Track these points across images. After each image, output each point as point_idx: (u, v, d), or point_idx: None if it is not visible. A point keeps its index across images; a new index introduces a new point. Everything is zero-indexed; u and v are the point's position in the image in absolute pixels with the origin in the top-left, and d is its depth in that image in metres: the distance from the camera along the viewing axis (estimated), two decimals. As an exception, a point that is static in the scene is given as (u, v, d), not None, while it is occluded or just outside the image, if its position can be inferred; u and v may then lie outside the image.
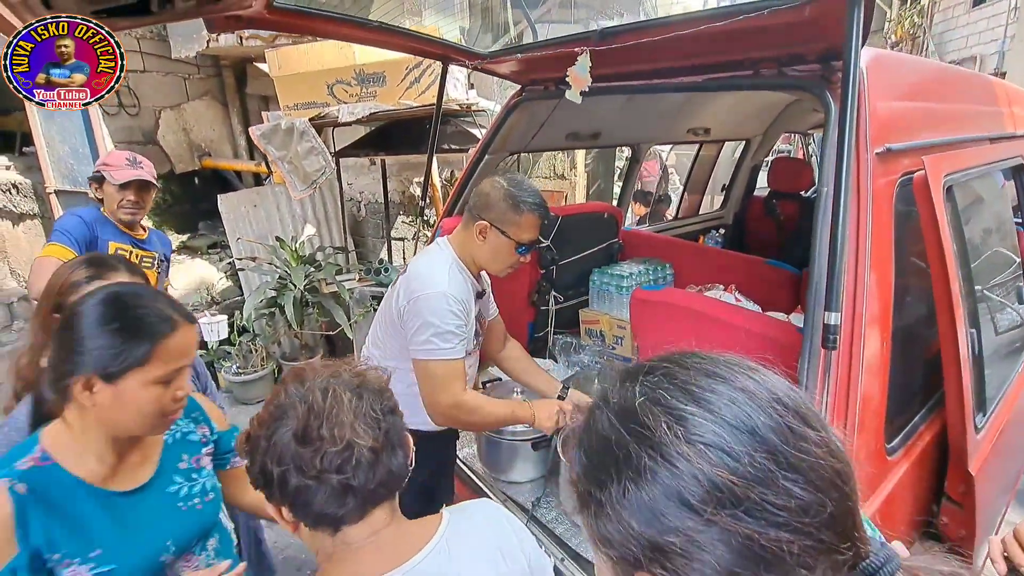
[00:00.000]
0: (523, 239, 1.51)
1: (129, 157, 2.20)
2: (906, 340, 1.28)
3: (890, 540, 0.70)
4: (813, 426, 0.43)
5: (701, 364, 0.47)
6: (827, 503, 0.40)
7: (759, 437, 0.41)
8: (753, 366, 0.47)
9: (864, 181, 1.08)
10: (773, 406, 0.43)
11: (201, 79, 5.16)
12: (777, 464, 0.40)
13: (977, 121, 1.56)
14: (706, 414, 0.42)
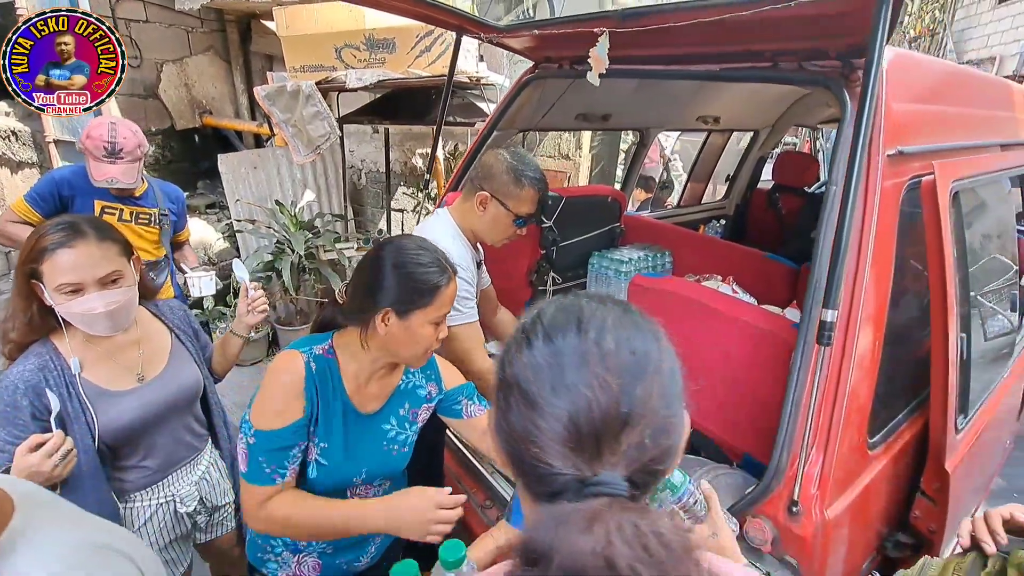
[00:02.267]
0: (522, 212, 1.56)
1: (108, 143, 2.06)
2: (898, 340, 1.31)
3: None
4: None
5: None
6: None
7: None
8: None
9: (873, 182, 1.09)
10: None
11: (204, 33, 5.03)
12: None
13: (991, 127, 1.56)
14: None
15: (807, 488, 1.05)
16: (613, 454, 0.47)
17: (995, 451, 1.70)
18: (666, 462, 0.50)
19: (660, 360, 0.52)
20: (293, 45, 3.44)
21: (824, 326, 0.98)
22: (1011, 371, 1.63)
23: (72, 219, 1.24)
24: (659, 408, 0.49)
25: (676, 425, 0.51)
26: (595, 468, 0.47)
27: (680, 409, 0.53)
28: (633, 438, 0.47)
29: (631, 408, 0.48)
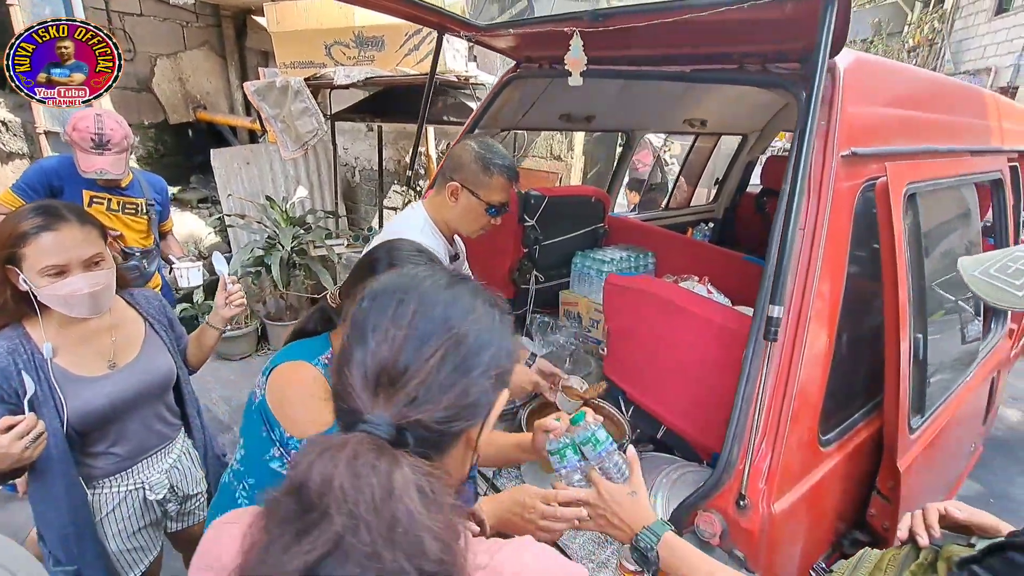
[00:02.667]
0: (493, 200, 1.58)
1: (95, 134, 2.08)
2: (855, 340, 1.33)
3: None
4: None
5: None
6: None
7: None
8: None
9: (826, 182, 1.11)
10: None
11: (200, 28, 5.05)
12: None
13: (957, 133, 1.59)
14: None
15: (755, 482, 1.06)
16: (387, 400, 0.54)
17: (957, 454, 1.72)
18: (452, 424, 0.55)
19: (464, 332, 0.57)
20: (283, 41, 3.46)
21: (770, 322, 1.00)
22: (974, 375, 1.65)
23: (49, 204, 1.27)
24: (444, 372, 0.55)
25: (468, 394, 0.56)
26: (368, 408, 0.54)
27: (483, 383, 0.57)
28: (408, 391, 0.54)
29: (408, 364, 0.54)
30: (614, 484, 0.91)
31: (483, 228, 1.65)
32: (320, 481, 0.47)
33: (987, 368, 1.75)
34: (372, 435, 0.51)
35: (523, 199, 2.55)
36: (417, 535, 0.46)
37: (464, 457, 0.62)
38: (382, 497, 0.47)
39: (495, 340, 0.60)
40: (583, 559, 1.60)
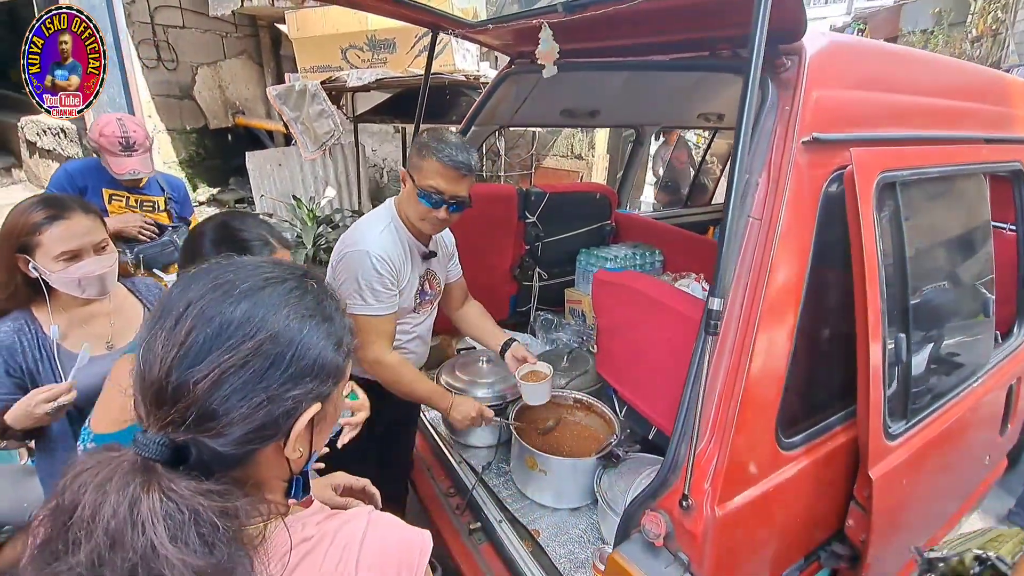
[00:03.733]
0: (425, 184, 1.46)
1: (122, 138, 2.21)
2: (827, 340, 1.25)
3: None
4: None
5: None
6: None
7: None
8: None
9: (785, 169, 1.05)
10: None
11: (238, 38, 5.32)
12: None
13: (959, 120, 1.47)
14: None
15: (699, 483, 1.02)
16: (156, 420, 0.50)
17: (965, 465, 1.59)
18: (240, 446, 0.51)
19: (254, 351, 0.51)
20: (303, 47, 3.60)
21: (710, 315, 0.96)
22: (984, 381, 1.51)
23: (53, 196, 1.37)
24: (220, 395, 0.49)
25: (254, 417, 0.51)
26: (147, 425, 0.50)
27: (277, 405, 0.52)
28: (179, 412, 0.49)
29: (180, 384, 0.49)
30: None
31: (425, 219, 1.52)
32: (70, 505, 0.45)
33: (1004, 374, 1.61)
34: (137, 455, 0.48)
35: (523, 196, 2.54)
36: (157, 571, 0.43)
37: (278, 463, 0.56)
38: (121, 527, 0.43)
39: (299, 357, 0.53)
40: (563, 557, 1.59)
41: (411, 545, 0.58)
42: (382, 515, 0.59)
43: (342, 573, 0.53)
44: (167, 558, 0.43)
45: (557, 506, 1.74)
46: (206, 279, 0.54)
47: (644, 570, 1.03)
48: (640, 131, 3.08)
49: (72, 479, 0.45)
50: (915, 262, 1.24)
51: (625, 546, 1.09)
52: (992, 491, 2.11)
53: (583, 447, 1.88)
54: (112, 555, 0.42)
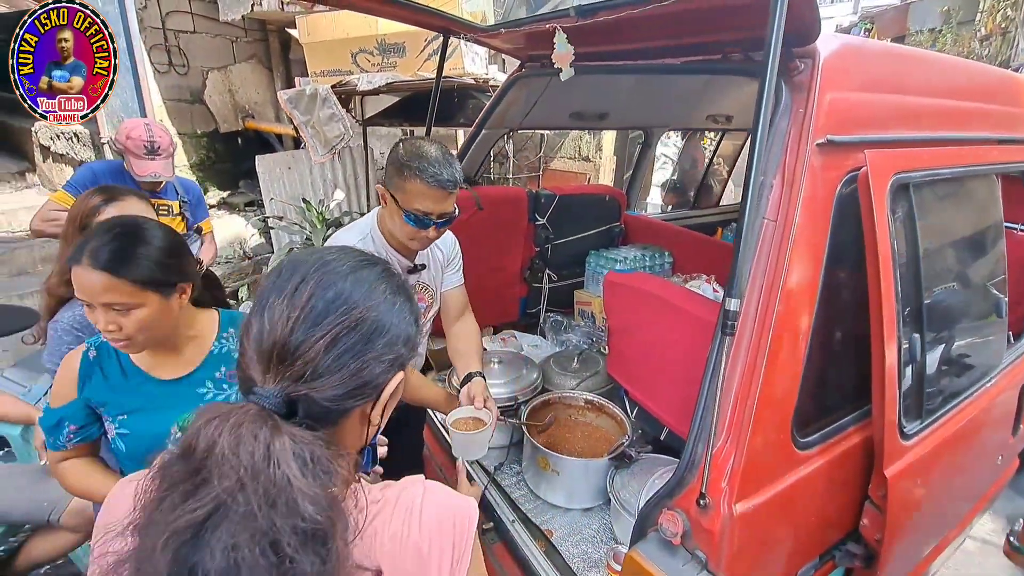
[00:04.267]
0: (410, 207, 1.38)
1: (147, 142, 2.28)
2: (842, 341, 1.26)
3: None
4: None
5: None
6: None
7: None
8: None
9: (799, 172, 1.06)
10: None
11: (248, 42, 5.38)
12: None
13: (972, 121, 1.47)
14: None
15: (716, 481, 1.03)
16: (277, 375, 0.57)
17: (977, 465, 1.58)
18: (341, 402, 0.59)
19: (359, 317, 0.59)
20: (314, 51, 3.64)
21: (727, 315, 0.97)
22: (997, 381, 1.52)
23: (109, 185, 1.54)
24: (334, 354, 0.57)
25: (359, 376, 0.59)
26: (264, 382, 0.58)
27: (375, 366, 0.60)
28: (297, 369, 0.57)
29: (299, 344, 0.57)
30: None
31: (414, 239, 1.45)
32: (205, 446, 0.51)
33: (1016, 374, 1.61)
34: (259, 407, 0.55)
35: (533, 198, 2.56)
36: (292, 498, 0.50)
37: (359, 430, 0.65)
38: (261, 462, 0.50)
39: (392, 326, 0.62)
40: (576, 557, 1.60)
41: (462, 510, 0.64)
42: (434, 483, 0.65)
43: (405, 533, 0.59)
44: (300, 489, 0.51)
45: (569, 506, 1.75)
46: (312, 258, 0.63)
47: (662, 568, 1.04)
48: (648, 133, 3.09)
49: (204, 425, 0.52)
50: (929, 262, 1.24)
51: (642, 545, 1.10)
52: (1004, 492, 2.11)
53: (595, 448, 1.89)
54: (254, 484, 0.50)
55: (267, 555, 0.49)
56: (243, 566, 0.48)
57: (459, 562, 0.62)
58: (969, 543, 2.47)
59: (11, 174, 5.60)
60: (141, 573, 0.50)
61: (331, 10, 3.55)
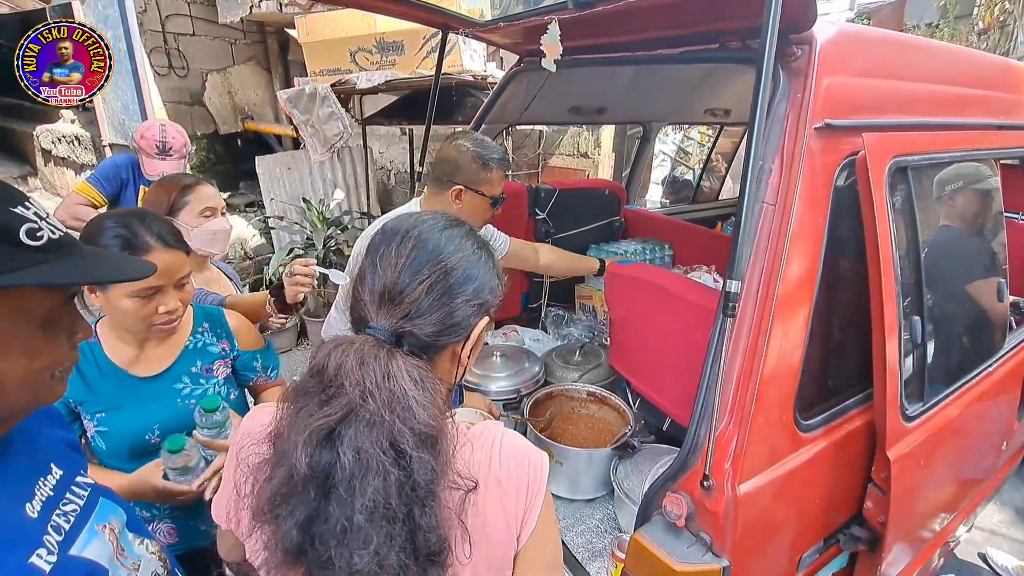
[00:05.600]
0: (495, 193, 1.64)
1: (159, 142, 2.33)
2: (843, 323, 1.27)
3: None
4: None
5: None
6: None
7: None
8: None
9: (798, 155, 1.07)
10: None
11: (247, 44, 5.39)
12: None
13: (970, 106, 1.48)
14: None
15: (720, 463, 1.04)
16: (387, 313, 0.67)
17: (980, 449, 1.59)
18: (438, 337, 0.69)
19: (451, 266, 0.69)
20: (313, 51, 3.65)
21: (728, 297, 0.98)
22: (999, 365, 1.52)
23: (188, 174, 1.72)
24: (433, 295, 0.67)
25: (452, 316, 0.69)
26: (377, 318, 0.68)
27: (465, 308, 0.70)
28: (403, 308, 0.67)
29: (405, 287, 0.67)
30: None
31: (486, 223, 1.73)
32: (336, 365, 0.61)
33: (1019, 359, 1.61)
34: (374, 337, 0.65)
35: (533, 193, 2.57)
36: (409, 405, 0.60)
37: (451, 368, 0.75)
38: (382, 377, 0.61)
39: (478, 276, 0.72)
40: (580, 547, 1.60)
41: (536, 455, 0.72)
42: (511, 431, 0.75)
43: (487, 463, 0.68)
44: (415, 398, 0.61)
45: (573, 497, 1.76)
46: (410, 220, 0.73)
47: (667, 550, 1.05)
48: (647, 127, 3.10)
49: (331, 351, 0.62)
50: (928, 244, 1.25)
51: (647, 528, 1.11)
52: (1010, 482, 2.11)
53: (598, 439, 1.90)
54: (379, 393, 0.60)
55: (389, 451, 0.58)
56: (371, 459, 0.58)
57: (533, 500, 0.70)
58: (976, 534, 2.47)
59: (13, 178, 5.61)
60: (284, 467, 0.59)
61: (330, 9, 3.57)
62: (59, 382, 0.70)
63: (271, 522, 0.59)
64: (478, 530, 0.66)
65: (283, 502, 0.59)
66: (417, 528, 0.59)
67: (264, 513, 0.60)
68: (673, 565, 1.02)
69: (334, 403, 0.60)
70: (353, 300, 0.71)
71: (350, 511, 0.57)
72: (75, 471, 0.84)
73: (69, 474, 0.81)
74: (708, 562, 1.03)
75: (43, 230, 0.60)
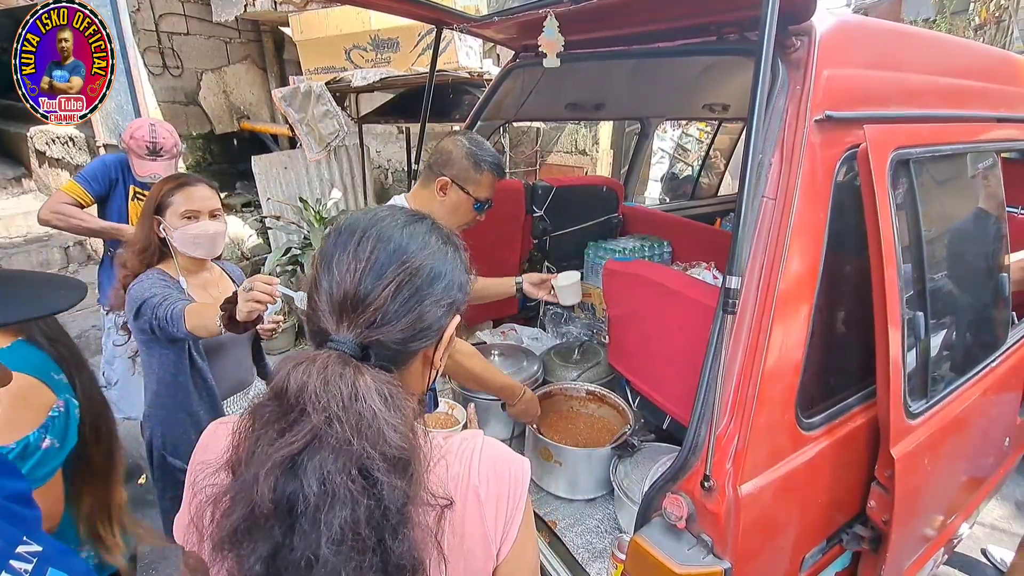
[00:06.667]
0: (481, 196, 1.60)
1: (150, 143, 2.29)
2: (845, 321, 1.25)
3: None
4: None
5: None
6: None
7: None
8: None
9: (798, 149, 1.05)
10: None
11: (242, 43, 5.36)
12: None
13: (973, 99, 1.46)
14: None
15: (720, 463, 1.02)
16: (350, 323, 0.62)
17: (984, 447, 1.57)
18: (408, 344, 0.64)
19: (417, 265, 0.64)
20: (307, 49, 3.62)
21: (728, 293, 0.96)
22: (1002, 360, 1.50)
23: (183, 172, 1.66)
24: (399, 300, 0.62)
25: (422, 319, 0.64)
26: (337, 330, 0.62)
27: (435, 310, 0.65)
28: (368, 316, 0.61)
29: (368, 293, 0.61)
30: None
31: (468, 224, 1.66)
32: (297, 387, 0.56)
33: (1022, 354, 1.60)
34: (338, 352, 0.60)
35: (530, 190, 2.55)
36: (379, 428, 0.56)
37: (423, 373, 0.70)
38: (349, 398, 0.56)
39: (447, 273, 0.67)
40: (580, 548, 1.59)
41: (516, 464, 0.69)
42: (491, 439, 0.71)
43: (465, 476, 0.65)
44: (385, 419, 0.57)
45: (572, 497, 1.74)
46: (366, 217, 0.67)
47: (667, 553, 1.03)
48: (645, 123, 3.08)
49: (291, 371, 0.57)
50: (930, 238, 1.23)
51: (646, 530, 1.09)
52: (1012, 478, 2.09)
53: (597, 439, 1.88)
54: (345, 416, 0.55)
55: (357, 479, 0.55)
56: (338, 489, 0.54)
57: (515, 510, 0.67)
58: (977, 529, 2.46)
59: (7, 180, 5.58)
60: (244, 501, 0.55)
61: (324, 6, 3.54)
62: None
63: (234, 557, 0.56)
64: (455, 548, 0.63)
65: (244, 537, 0.55)
66: (389, 555, 0.56)
67: (225, 547, 0.57)
68: (674, 568, 1.00)
69: (296, 429, 0.56)
70: (310, 311, 0.65)
71: (315, 546, 0.53)
72: (15, 540, 0.62)
73: (5, 547, 0.61)
74: (709, 564, 1.01)
75: None
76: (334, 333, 0.62)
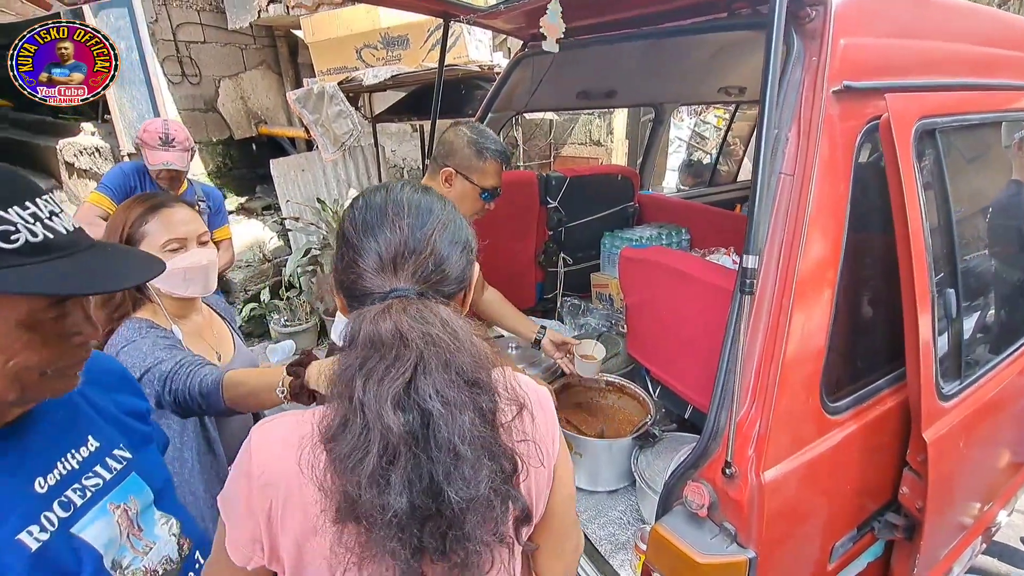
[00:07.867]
0: (486, 184, 1.59)
1: (162, 134, 2.33)
2: (871, 300, 1.20)
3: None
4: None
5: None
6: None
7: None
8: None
9: (816, 121, 1.01)
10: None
11: (257, 49, 5.43)
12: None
13: (999, 67, 1.39)
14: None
15: (743, 449, 0.99)
16: (404, 272, 0.68)
17: (1021, 430, 1.50)
18: (446, 284, 0.70)
19: (445, 220, 0.71)
20: (319, 50, 3.65)
21: (746, 273, 0.93)
22: (1042, 339, 1.43)
23: (152, 192, 1.45)
24: (438, 246, 0.69)
25: (454, 262, 0.71)
26: (393, 283, 0.67)
27: (465, 256, 0.73)
28: (419, 263, 0.68)
29: (416, 244, 0.68)
30: None
31: (477, 214, 1.64)
32: (391, 327, 0.61)
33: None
34: (406, 297, 0.65)
35: (543, 181, 2.52)
36: (471, 339, 0.64)
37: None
38: (441, 323, 0.63)
39: (463, 226, 0.74)
40: (603, 540, 1.57)
41: (543, 391, 0.80)
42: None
43: (517, 389, 0.71)
44: (472, 334, 0.65)
45: (594, 489, 1.72)
46: (383, 192, 0.73)
47: (689, 542, 1.01)
48: (660, 109, 3.02)
49: (375, 319, 0.62)
50: (960, 212, 1.17)
51: (668, 519, 1.07)
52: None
53: (618, 430, 1.86)
54: (442, 337, 0.61)
55: (463, 387, 0.62)
56: (455, 397, 0.61)
57: (553, 427, 0.77)
58: (1016, 516, 2.36)
59: (40, 193, 5.77)
60: (376, 440, 0.59)
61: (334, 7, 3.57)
62: (57, 379, 0.69)
63: (378, 497, 0.59)
64: (528, 453, 0.70)
65: (388, 469, 0.60)
66: (501, 452, 0.64)
67: (361, 494, 0.60)
68: (696, 557, 0.98)
69: (400, 362, 0.61)
70: (352, 279, 0.69)
71: (453, 448, 0.60)
72: (114, 443, 0.81)
73: (106, 446, 0.80)
74: (733, 553, 0.99)
75: (20, 233, 0.59)
76: (388, 284, 0.67)
